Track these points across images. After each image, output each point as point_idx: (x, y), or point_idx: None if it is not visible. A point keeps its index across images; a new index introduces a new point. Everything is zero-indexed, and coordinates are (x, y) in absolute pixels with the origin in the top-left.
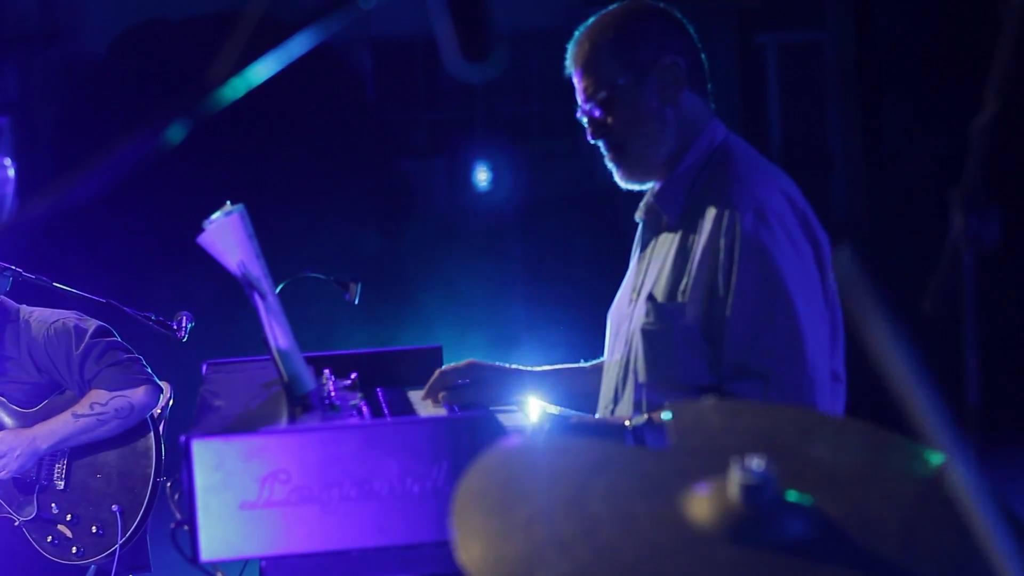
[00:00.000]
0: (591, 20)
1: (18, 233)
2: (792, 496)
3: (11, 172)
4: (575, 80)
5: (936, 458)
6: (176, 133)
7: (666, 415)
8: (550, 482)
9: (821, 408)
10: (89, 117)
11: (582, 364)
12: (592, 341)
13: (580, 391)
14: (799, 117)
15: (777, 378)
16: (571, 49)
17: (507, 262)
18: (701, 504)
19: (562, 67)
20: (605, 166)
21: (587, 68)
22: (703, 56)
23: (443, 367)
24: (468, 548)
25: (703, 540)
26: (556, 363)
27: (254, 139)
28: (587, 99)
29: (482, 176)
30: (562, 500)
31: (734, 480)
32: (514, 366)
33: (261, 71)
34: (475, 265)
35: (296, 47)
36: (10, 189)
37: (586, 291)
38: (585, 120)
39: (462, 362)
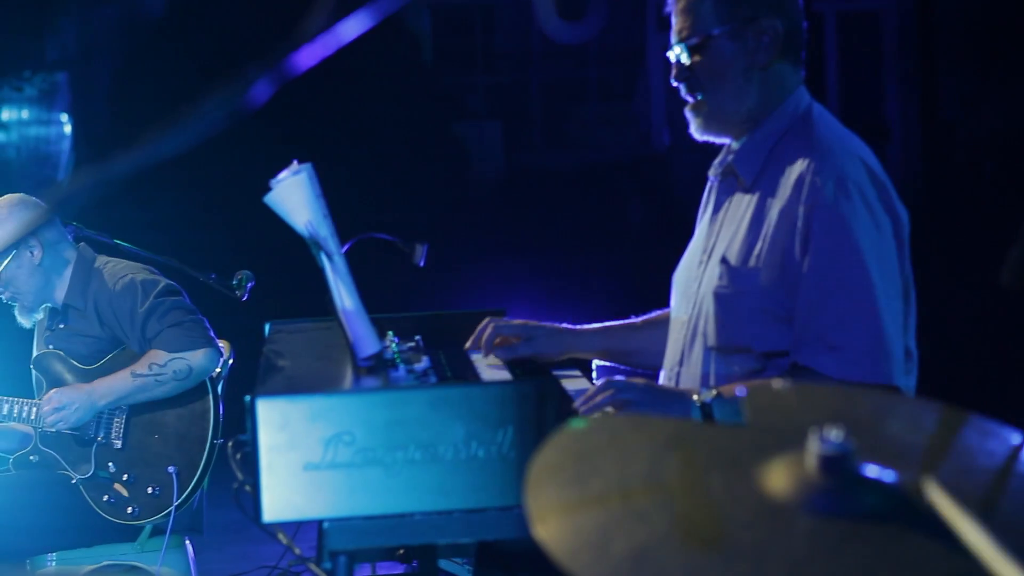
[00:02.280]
0: None
1: (105, 186)
2: (870, 470)
3: (68, 128)
4: (672, 18)
5: (1013, 436)
6: (260, 92)
7: (741, 392)
8: (625, 456)
9: (896, 381)
10: (147, 74)
11: (633, 320)
12: (646, 306)
13: (632, 347)
14: (856, 86)
15: (851, 351)
16: None
17: (563, 225)
18: (778, 476)
19: (618, 31)
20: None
21: (686, 10)
22: (804, 24)
23: (494, 319)
24: (544, 520)
25: (779, 511)
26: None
27: (311, 100)
28: (679, 40)
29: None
30: (637, 473)
31: (812, 451)
32: (565, 325)
33: (349, 30)
34: (530, 228)
35: (384, 6)
36: (67, 145)
37: (640, 255)
38: (673, 60)
39: (515, 321)
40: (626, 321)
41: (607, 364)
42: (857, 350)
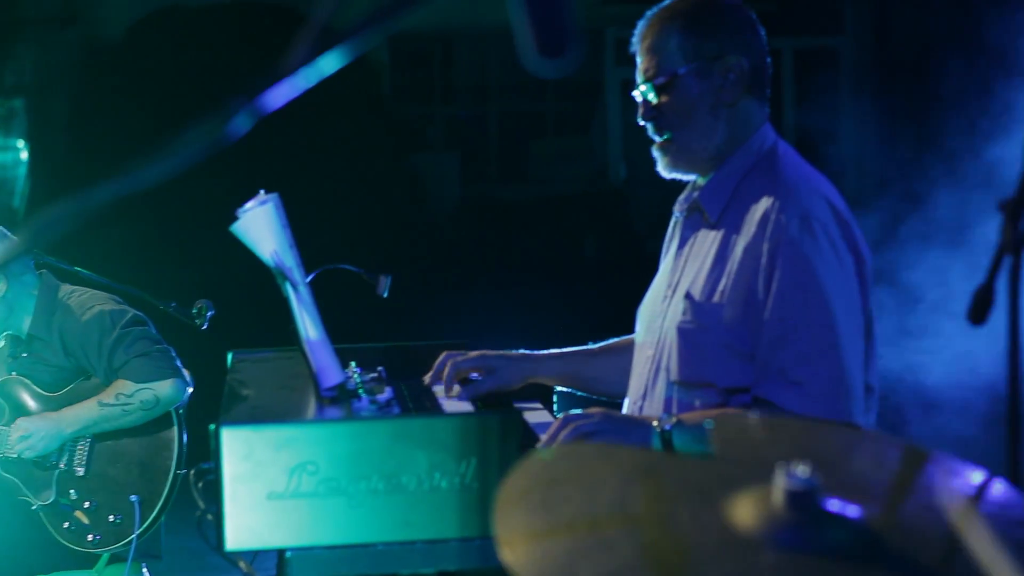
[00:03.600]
0: (666, 2)
1: (78, 219)
2: (835, 504)
3: (24, 155)
4: (638, 58)
5: (977, 475)
6: (239, 126)
7: (708, 424)
8: (593, 485)
9: (855, 418)
10: (104, 101)
11: (590, 347)
12: (602, 338)
13: (590, 374)
14: (813, 122)
15: (812, 386)
16: (640, 27)
17: (519, 258)
18: (744, 509)
19: (578, 66)
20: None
21: (652, 49)
22: (769, 60)
23: (451, 353)
24: (512, 545)
25: (745, 544)
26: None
27: (268, 131)
28: (645, 80)
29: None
30: (605, 502)
31: (779, 486)
32: (522, 352)
33: (326, 66)
34: (487, 259)
35: (364, 41)
36: (23, 171)
37: (597, 288)
38: (639, 100)
39: (471, 353)
40: (584, 348)
41: (566, 391)
42: (818, 386)
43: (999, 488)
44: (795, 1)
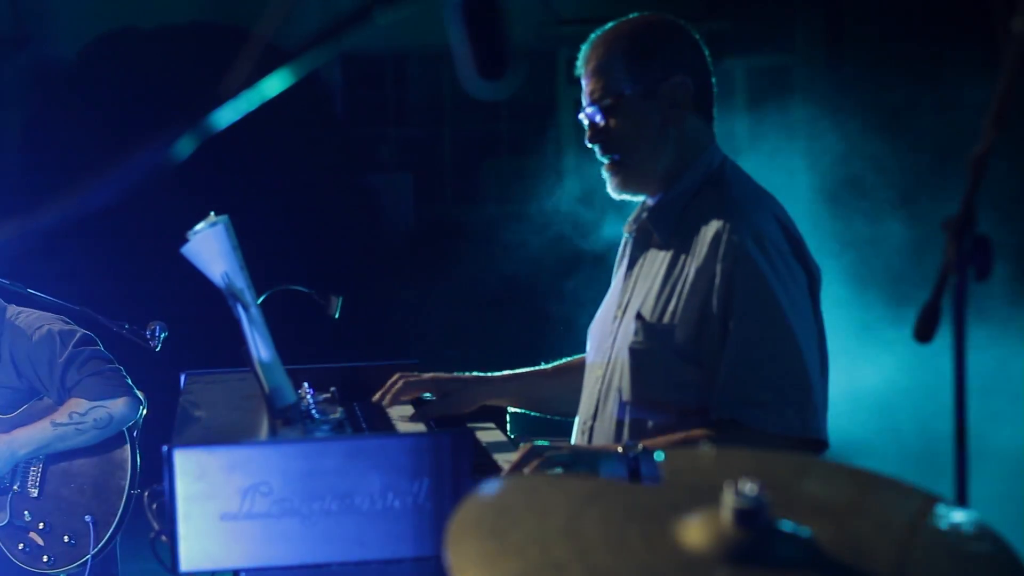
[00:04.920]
0: (610, 25)
1: (22, 241)
2: (785, 524)
3: None
4: (583, 81)
5: (925, 497)
6: (184, 147)
7: (659, 455)
8: (544, 511)
9: (823, 436)
10: (58, 122)
11: (543, 367)
12: (557, 358)
13: (543, 395)
14: (766, 140)
15: (780, 406)
16: (585, 50)
17: (475, 278)
18: (694, 528)
19: (530, 85)
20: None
21: (597, 72)
22: (713, 80)
23: (404, 374)
24: (463, 571)
25: (696, 563)
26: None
27: (221, 151)
28: (591, 102)
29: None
30: (556, 526)
31: (728, 504)
32: (475, 374)
33: (271, 87)
34: (442, 280)
35: (311, 61)
36: None
37: (551, 309)
38: (586, 123)
39: (425, 376)
40: (537, 368)
41: (520, 411)
42: (785, 406)
43: (946, 508)
44: (747, 20)
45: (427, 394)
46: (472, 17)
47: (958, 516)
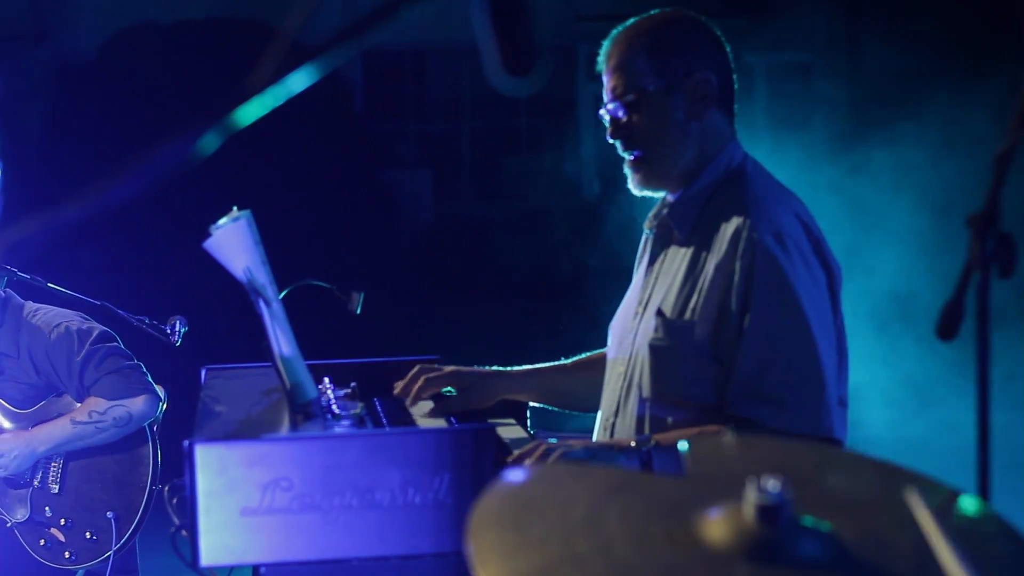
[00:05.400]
0: (631, 21)
1: (44, 236)
2: (807, 520)
3: None
4: (604, 77)
5: (948, 491)
6: (209, 143)
7: (682, 445)
8: (566, 503)
9: (837, 434)
10: (77, 118)
11: (563, 362)
12: (577, 353)
13: (563, 390)
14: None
15: (793, 403)
16: (606, 46)
17: (495, 273)
18: (716, 524)
19: (549, 82)
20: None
21: (619, 68)
22: (735, 77)
23: (424, 368)
24: (484, 563)
25: (718, 559)
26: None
27: (242, 148)
28: (614, 98)
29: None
30: (577, 519)
31: (750, 501)
32: (495, 368)
33: (296, 83)
34: (462, 275)
35: (335, 57)
36: None
37: (572, 303)
38: (607, 119)
39: (444, 370)
40: (557, 364)
41: (540, 406)
42: (799, 403)
43: (970, 504)
44: (767, 16)
45: (448, 388)
46: (498, 12)
47: (980, 511)
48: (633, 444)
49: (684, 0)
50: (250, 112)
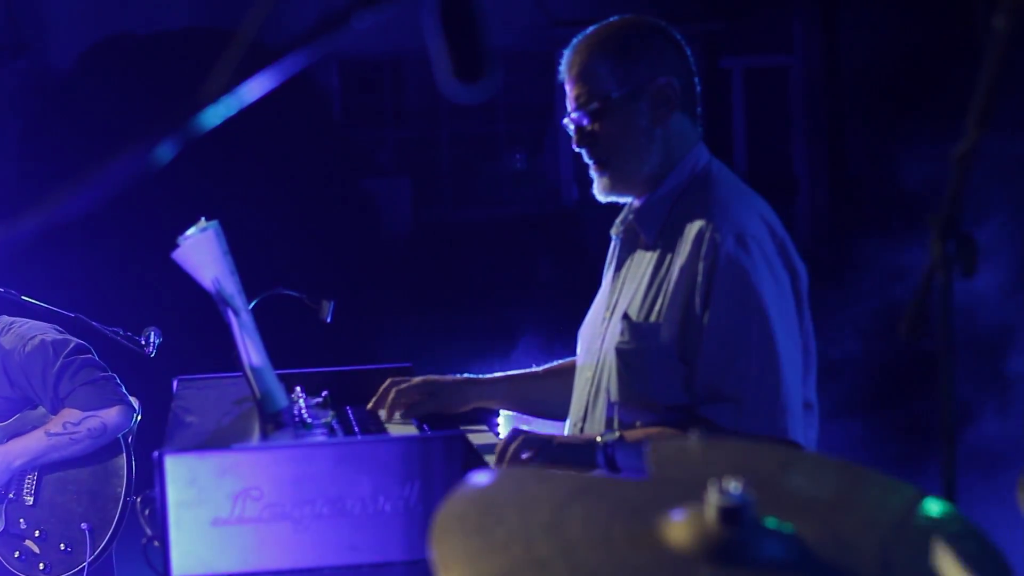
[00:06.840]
0: (591, 29)
1: (10, 248)
2: (769, 521)
3: None
4: (567, 86)
5: (912, 492)
6: (165, 152)
7: (644, 444)
8: (529, 506)
9: (793, 436)
10: (56, 129)
11: (535, 369)
12: (563, 356)
13: (535, 397)
14: (764, 141)
15: (750, 403)
16: (568, 55)
17: (472, 280)
18: (679, 526)
19: (526, 87)
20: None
21: (582, 76)
22: (696, 80)
23: (394, 380)
24: (448, 568)
25: (680, 561)
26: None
27: (219, 156)
28: (577, 107)
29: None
30: (540, 523)
31: (712, 503)
32: (467, 376)
33: (253, 90)
34: (440, 283)
35: (289, 66)
36: None
37: (550, 310)
38: (572, 127)
39: (415, 379)
40: (528, 371)
41: (511, 413)
42: (755, 403)
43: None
44: (744, 20)
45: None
46: (448, 18)
47: (944, 513)
48: (599, 439)
49: (661, 4)
50: (209, 118)
